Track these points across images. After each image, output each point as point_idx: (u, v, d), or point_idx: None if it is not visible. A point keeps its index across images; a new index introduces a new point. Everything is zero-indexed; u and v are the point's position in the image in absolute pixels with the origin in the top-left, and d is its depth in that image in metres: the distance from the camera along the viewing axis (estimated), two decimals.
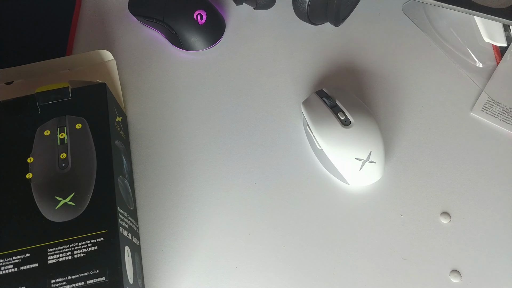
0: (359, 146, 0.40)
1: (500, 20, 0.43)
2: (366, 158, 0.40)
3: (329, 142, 0.40)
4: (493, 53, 0.48)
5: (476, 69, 0.47)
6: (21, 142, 0.37)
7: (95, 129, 0.38)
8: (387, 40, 0.50)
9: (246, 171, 0.43)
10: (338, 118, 0.40)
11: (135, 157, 0.45)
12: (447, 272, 0.39)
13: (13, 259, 0.33)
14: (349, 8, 0.49)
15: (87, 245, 0.33)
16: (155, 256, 0.40)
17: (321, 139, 0.40)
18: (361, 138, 0.40)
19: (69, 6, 0.53)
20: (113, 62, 0.47)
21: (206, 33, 0.49)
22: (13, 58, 0.49)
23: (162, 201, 0.43)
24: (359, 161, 0.39)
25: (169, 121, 0.46)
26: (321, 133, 0.40)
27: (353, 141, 0.40)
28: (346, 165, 0.40)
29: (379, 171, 0.41)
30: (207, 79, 0.48)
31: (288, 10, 0.49)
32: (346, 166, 0.40)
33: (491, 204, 0.41)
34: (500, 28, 0.48)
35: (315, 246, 0.40)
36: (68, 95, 0.39)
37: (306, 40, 0.50)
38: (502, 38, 0.47)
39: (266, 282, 0.39)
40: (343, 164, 0.40)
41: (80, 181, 0.36)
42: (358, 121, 0.40)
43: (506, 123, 0.44)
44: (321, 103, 0.42)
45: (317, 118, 0.41)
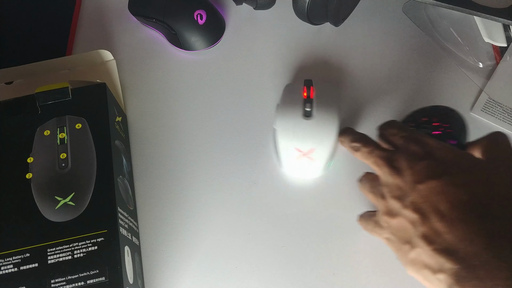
0: (305, 139, 0.41)
1: (500, 20, 0.43)
2: (306, 153, 0.40)
3: (283, 124, 0.41)
4: (493, 53, 0.48)
5: (476, 69, 0.47)
6: (21, 142, 0.37)
7: (95, 129, 0.38)
8: (387, 40, 0.50)
9: (246, 171, 0.43)
10: (304, 108, 0.41)
11: (135, 157, 0.45)
12: None
13: (13, 259, 0.33)
14: (349, 8, 0.49)
15: (87, 245, 0.33)
16: (155, 256, 0.40)
17: (279, 119, 0.41)
18: (312, 133, 0.41)
19: (69, 6, 0.53)
20: (113, 62, 0.47)
21: (206, 33, 0.49)
22: (13, 58, 0.49)
23: (162, 201, 0.43)
24: (298, 153, 0.41)
25: (169, 121, 0.46)
26: (281, 115, 0.42)
27: (303, 132, 0.41)
28: (286, 150, 0.41)
29: (317, 169, 0.41)
30: (207, 79, 0.48)
31: (288, 10, 0.49)
32: (285, 151, 0.41)
33: None
34: (500, 28, 0.48)
35: (315, 246, 0.40)
36: (68, 95, 0.39)
37: (306, 40, 0.50)
38: (502, 38, 0.47)
39: (266, 282, 0.39)
40: (284, 148, 0.41)
41: (80, 181, 0.36)
42: (320, 118, 0.41)
43: (506, 123, 0.44)
44: (300, 90, 0.43)
45: (287, 101, 0.43)
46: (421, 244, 0.29)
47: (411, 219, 0.30)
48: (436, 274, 0.28)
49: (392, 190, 0.32)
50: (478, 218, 0.27)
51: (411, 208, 0.30)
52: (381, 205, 0.33)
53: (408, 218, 0.30)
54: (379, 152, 0.34)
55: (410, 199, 0.30)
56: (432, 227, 0.29)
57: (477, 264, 0.26)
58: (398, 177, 0.32)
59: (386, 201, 0.32)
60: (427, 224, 0.29)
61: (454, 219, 0.28)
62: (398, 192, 0.31)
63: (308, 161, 0.41)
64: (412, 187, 0.30)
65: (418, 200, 0.30)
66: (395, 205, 0.31)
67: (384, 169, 0.33)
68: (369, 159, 0.35)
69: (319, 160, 0.41)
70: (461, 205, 0.28)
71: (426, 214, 0.29)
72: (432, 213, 0.29)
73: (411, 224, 0.30)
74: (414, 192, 0.30)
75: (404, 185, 0.31)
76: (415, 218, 0.30)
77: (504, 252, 0.26)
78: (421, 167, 0.31)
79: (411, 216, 0.30)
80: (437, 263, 0.28)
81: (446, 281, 0.27)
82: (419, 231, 0.29)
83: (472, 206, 0.28)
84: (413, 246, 0.30)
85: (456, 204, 0.28)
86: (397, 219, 0.31)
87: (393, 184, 0.32)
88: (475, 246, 0.27)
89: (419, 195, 0.30)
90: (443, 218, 0.28)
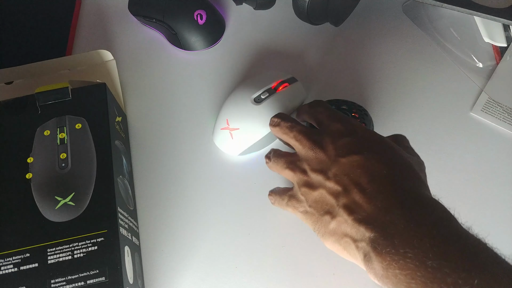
0: (237, 117, 0.43)
1: (500, 20, 0.43)
2: (224, 128, 0.43)
3: (236, 95, 0.44)
4: (493, 53, 0.48)
5: (476, 69, 0.47)
6: (21, 142, 0.37)
7: (95, 129, 0.38)
8: (387, 40, 0.50)
9: (246, 171, 0.43)
10: (260, 95, 0.43)
11: (135, 157, 0.45)
12: None
13: (13, 259, 0.33)
14: (349, 8, 0.49)
15: (87, 245, 0.33)
16: (155, 256, 0.40)
17: (237, 90, 0.44)
18: (248, 116, 0.42)
19: (69, 6, 0.53)
20: (113, 62, 0.47)
21: (206, 33, 0.49)
22: (13, 58, 0.49)
23: (162, 201, 0.43)
24: (226, 125, 0.43)
25: (169, 121, 0.46)
26: (242, 87, 0.44)
27: (242, 111, 0.43)
28: (220, 118, 0.44)
29: (232, 148, 0.43)
30: (207, 79, 0.48)
31: (288, 10, 0.49)
32: (219, 118, 0.44)
33: (491, 204, 0.41)
34: (500, 28, 0.48)
35: (315, 246, 0.40)
36: (68, 95, 0.39)
37: (306, 40, 0.50)
38: (502, 38, 0.47)
39: (266, 282, 0.39)
40: (220, 115, 0.44)
41: (80, 181, 0.36)
42: (267, 110, 0.42)
43: (506, 123, 0.44)
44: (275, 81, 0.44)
45: (256, 80, 0.45)
46: (342, 214, 0.30)
47: (333, 191, 0.31)
48: (356, 242, 0.29)
49: (314, 164, 0.33)
50: (395, 191, 0.29)
51: (333, 180, 0.31)
52: (300, 179, 0.34)
53: (330, 190, 0.31)
54: (300, 127, 0.35)
55: (333, 172, 0.32)
56: (353, 199, 0.30)
57: (393, 233, 0.27)
58: (320, 151, 0.33)
59: (307, 175, 0.33)
60: (348, 196, 0.30)
61: (373, 191, 0.29)
62: (320, 166, 0.32)
63: (229, 136, 0.43)
64: (335, 160, 0.32)
65: (340, 173, 0.31)
66: (317, 178, 0.32)
67: (305, 143, 0.34)
68: (289, 134, 0.35)
69: (238, 140, 0.42)
70: (380, 179, 0.30)
71: (348, 186, 0.30)
72: (353, 185, 0.30)
73: (332, 196, 0.31)
74: (337, 165, 0.32)
75: (326, 159, 0.32)
76: (337, 189, 0.31)
77: (416, 221, 0.27)
78: (344, 143, 0.32)
79: (334, 187, 0.31)
80: (357, 232, 0.29)
81: (364, 249, 0.29)
82: (341, 202, 0.30)
83: (390, 180, 0.30)
84: (334, 216, 0.31)
85: (376, 178, 0.30)
86: (318, 191, 0.32)
87: (315, 158, 0.33)
88: (391, 215, 0.28)
89: (342, 168, 0.31)
90: (364, 190, 0.30)
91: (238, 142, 0.43)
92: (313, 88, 0.47)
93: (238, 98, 0.44)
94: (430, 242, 0.26)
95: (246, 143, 0.43)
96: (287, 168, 0.35)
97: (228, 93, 0.46)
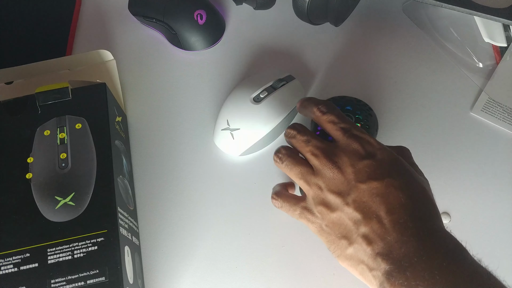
0: (238, 117, 0.42)
1: (500, 20, 0.43)
2: (225, 128, 0.43)
3: (230, 98, 0.44)
4: (493, 53, 0.48)
5: (476, 69, 0.47)
6: (21, 142, 0.37)
7: (95, 129, 0.38)
8: (387, 40, 0.50)
9: (246, 171, 0.43)
10: (259, 94, 0.43)
11: (135, 157, 0.45)
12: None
13: (13, 259, 0.33)
14: (349, 8, 0.49)
15: (87, 245, 0.33)
16: (155, 256, 0.40)
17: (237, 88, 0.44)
18: (248, 116, 0.42)
19: (69, 6, 0.53)
20: (113, 62, 0.47)
21: (206, 33, 0.49)
22: (13, 58, 0.49)
23: (162, 201, 0.43)
24: (227, 125, 0.42)
25: (169, 121, 0.46)
26: (242, 85, 0.44)
27: (242, 111, 0.42)
28: (221, 118, 0.43)
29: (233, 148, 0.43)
30: (207, 79, 0.48)
31: (288, 10, 0.49)
32: (220, 118, 0.43)
33: (491, 204, 0.41)
34: (500, 28, 0.48)
35: (315, 246, 0.40)
36: (68, 95, 0.39)
37: (306, 40, 0.50)
38: (502, 38, 0.47)
39: (266, 282, 0.39)
40: (221, 114, 0.44)
41: (80, 181, 0.36)
42: (266, 110, 0.42)
43: (506, 123, 0.44)
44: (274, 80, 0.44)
45: (256, 77, 0.45)
46: (361, 243, 0.31)
47: (353, 217, 0.31)
48: (372, 271, 0.30)
49: (331, 184, 0.33)
50: (412, 221, 0.30)
51: (352, 207, 0.31)
52: (317, 196, 0.33)
53: (349, 216, 0.31)
54: (317, 142, 0.35)
55: (353, 197, 0.31)
56: (372, 228, 0.30)
57: (406, 265, 0.28)
58: (339, 172, 0.33)
59: (323, 193, 0.33)
60: (367, 225, 0.30)
61: (391, 222, 0.30)
62: (338, 188, 0.32)
63: (230, 137, 0.42)
64: (354, 185, 0.32)
65: (359, 199, 0.31)
66: (335, 200, 0.32)
67: (323, 161, 0.33)
68: (305, 148, 0.35)
69: (239, 140, 0.42)
70: (399, 209, 0.30)
71: (367, 215, 0.31)
72: (373, 215, 0.30)
73: (351, 222, 0.31)
74: (356, 190, 0.31)
75: (345, 182, 0.32)
76: (357, 217, 0.31)
77: (428, 254, 0.28)
78: (363, 166, 0.32)
79: (353, 214, 0.31)
80: (374, 262, 0.30)
81: (379, 278, 0.29)
82: (361, 231, 0.31)
83: (408, 209, 0.30)
84: (352, 242, 0.31)
85: (394, 207, 0.30)
86: (337, 214, 0.32)
87: (333, 178, 0.33)
88: (406, 248, 0.29)
89: (361, 195, 0.31)
90: (382, 220, 0.30)
91: (239, 143, 0.42)
92: (313, 88, 0.47)
93: (238, 98, 0.44)
94: (439, 275, 0.27)
95: (247, 143, 0.42)
96: (302, 179, 0.34)
97: (228, 93, 0.46)
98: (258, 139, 0.43)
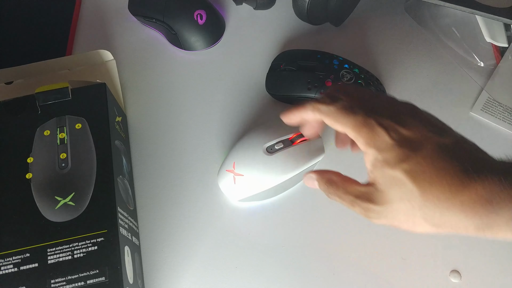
0: (245, 163, 0.40)
1: (501, 19, 0.43)
2: (230, 170, 0.40)
3: (243, 142, 0.41)
4: (493, 53, 0.48)
5: (477, 68, 0.47)
6: (21, 142, 0.37)
7: (95, 129, 0.38)
8: (388, 39, 0.50)
9: None
10: (274, 145, 0.40)
11: (135, 157, 0.45)
12: (447, 272, 0.39)
13: (13, 259, 0.33)
14: (349, 8, 0.49)
15: (87, 245, 0.33)
16: (155, 256, 0.40)
17: (251, 134, 0.41)
18: (257, 165, 0.39)
19: (69, 6, 0.53)
20: (113, 62, 0.47)
21: (206, 33, 0.49)
22: (13, 58, 0.50)
23: (162, 201, 0.43)
24: (230, 172, 0.40)
25: (169, 121, 0.46)
26: (251, 134, 0.41)
27: (245, 159, 0.40)
28: (227, 161, 0.41)
29: (235, 194, 0.40)
30: (207, 79, 0.48)
31: (288, 10, 0.49)
32: (226, 161, 0.41)
33: None
34: (502, 28, 0.48)
35: (315, 246, 0.40)
36: (68, 95, 0.39)
37: (306, 40, 0.50)
38: (503, 38, 0.47)
39: (266, 282, 0.39)
40: (228, 158, 0.41)
41: (80, 181, 0.36)
42: (276, 164, 0.39)
43: (506, 123, 0.44)
44: (294, 132, 0.41)
45: (271, 130, 0.41)
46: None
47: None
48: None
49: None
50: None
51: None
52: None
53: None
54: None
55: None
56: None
57: None
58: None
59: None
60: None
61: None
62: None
63: (231, 180, 0.40)
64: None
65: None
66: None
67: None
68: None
69: (239, 186, 0.40)
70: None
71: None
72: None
73: None
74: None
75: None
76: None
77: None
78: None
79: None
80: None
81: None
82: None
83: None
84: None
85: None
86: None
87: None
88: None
89: None
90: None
91: (239, 189, 0.40)
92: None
93: (250, 143, 0.41)
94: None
95: (248, 191, 0.40)
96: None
97: (228, 93, 0.46)
98: (261, 191, 0.40)
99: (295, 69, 0.45)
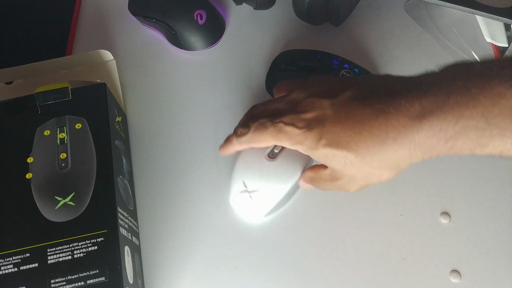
0: (255, 177, 0.40)
1: (501, 19, 0.43)
2: (244, 190, 0.40)
3: (244, 156, 0.41)
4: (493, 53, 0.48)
5: None
6: (21, 142, 0.37)
7: (95, 129, 0.38)
8: (388, 39, 0.49)
9: None
10: (273, 149, 0.40)
11: (135, 157, 0.45)
12: (447, 272, 0.39)
13: (13, 259, 0.33)
14: (349, 8, 0.49)
15: (87, 245, 0.33)
16: (155, 256, 0.40)
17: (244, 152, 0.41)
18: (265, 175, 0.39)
19: (69, 6, 0.53)
20: (113, 62, 0.47)
21: (206, 33, 0.49)
22: (13, 58, 0.50)
23: (162, 201, 0.43)
24: (244, 188, 0.40)
25: (169, 121, 0.46)
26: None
27: (257, 170, 0.40)
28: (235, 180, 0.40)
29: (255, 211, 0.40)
30: (207, 79, 0.48)
31: (288, 10, 0.49)
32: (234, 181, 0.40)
33: (491, 204, 0.41)
34: (502, 28, 0.48)
35: (315, 246, 0.40)
36: (68, 95, 0.39)
37: (306, 40, 0.50)
38: (503, 38, 0.47)
39: (266, 282, 0.39)
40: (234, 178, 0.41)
41: (80, 181, 0.36)
42: (283, 165, 0.39)
43: None
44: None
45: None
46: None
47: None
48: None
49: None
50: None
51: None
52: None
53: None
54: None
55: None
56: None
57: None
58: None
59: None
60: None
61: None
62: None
63: (249, 200, 0.40)
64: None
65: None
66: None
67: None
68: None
69: (260, 201, 0.39)
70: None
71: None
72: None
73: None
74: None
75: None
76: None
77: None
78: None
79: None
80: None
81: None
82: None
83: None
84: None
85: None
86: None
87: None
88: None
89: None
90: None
91: (260, 205, 0.40)
92: None
93: (252, 155, 0.40)
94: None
95: (269, 203, 0.40)
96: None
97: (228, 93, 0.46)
98: (280, 197, 0.40)
99: (295, 69, 0.45)
